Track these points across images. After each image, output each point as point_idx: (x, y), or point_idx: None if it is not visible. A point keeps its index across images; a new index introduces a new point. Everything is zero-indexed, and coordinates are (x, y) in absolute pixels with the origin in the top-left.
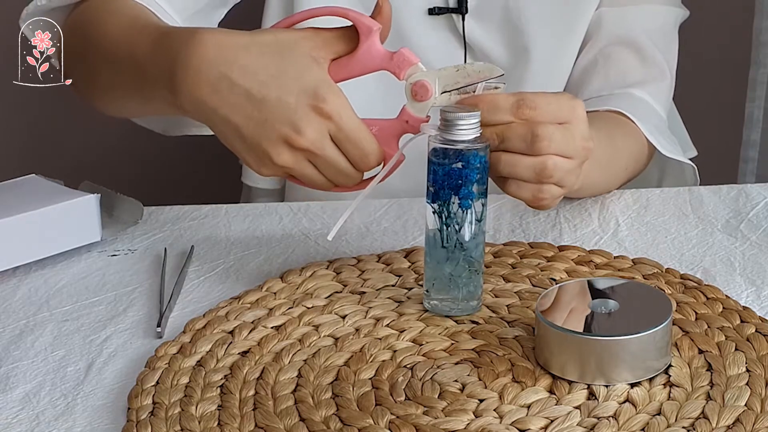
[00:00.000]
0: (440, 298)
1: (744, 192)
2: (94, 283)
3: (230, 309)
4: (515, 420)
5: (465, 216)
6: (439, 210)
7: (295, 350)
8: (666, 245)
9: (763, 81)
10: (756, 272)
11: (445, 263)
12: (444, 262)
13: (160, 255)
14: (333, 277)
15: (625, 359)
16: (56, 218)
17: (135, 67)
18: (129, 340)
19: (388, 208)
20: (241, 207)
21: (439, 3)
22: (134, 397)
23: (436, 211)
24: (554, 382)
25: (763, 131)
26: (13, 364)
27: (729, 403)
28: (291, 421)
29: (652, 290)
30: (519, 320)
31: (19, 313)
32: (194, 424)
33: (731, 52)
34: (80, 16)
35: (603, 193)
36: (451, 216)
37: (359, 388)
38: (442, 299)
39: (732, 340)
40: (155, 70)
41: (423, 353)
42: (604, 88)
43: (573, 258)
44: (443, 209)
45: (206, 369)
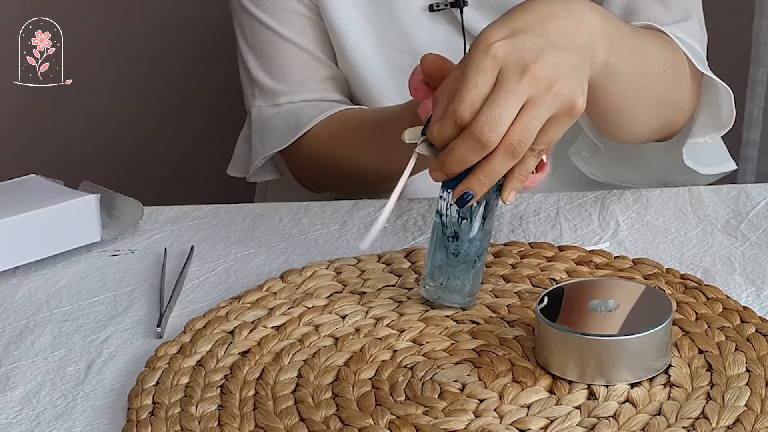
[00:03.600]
0: (430, 285)
1: (744, 192)
2: (94, 283)
3: (230, 309)
4: (515, 420)
5: (470, 207)
6: (445, 196)
7: (295, 350)
8: (666, 245)
9: (763, 80)
10: (756, 272)
11: (440, 249)
12: (440, 248)
13: (160, 255)
14: (333, 277)
15: (625, 359)
16: (56, 218)
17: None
18: (129, 340)
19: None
20: (241, 207)
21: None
22: (134, 397)
23: (443, 197)
24: (554, 382)
25: (762, 131)
26: (13, 364)
27: (729, 403)
28: (291, 421)
29: (652, 290)
30: (519, 320)
31: (19, 313)
32: (194, 424)
33: (731, 52)
34: (317, 150)
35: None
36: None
37: (359, 388)
38: (431, 285)
39: (732, 340)
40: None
41: (423, 353)
42: None
43: (573, 258)
44: (449, 195)
45: (206, 369)
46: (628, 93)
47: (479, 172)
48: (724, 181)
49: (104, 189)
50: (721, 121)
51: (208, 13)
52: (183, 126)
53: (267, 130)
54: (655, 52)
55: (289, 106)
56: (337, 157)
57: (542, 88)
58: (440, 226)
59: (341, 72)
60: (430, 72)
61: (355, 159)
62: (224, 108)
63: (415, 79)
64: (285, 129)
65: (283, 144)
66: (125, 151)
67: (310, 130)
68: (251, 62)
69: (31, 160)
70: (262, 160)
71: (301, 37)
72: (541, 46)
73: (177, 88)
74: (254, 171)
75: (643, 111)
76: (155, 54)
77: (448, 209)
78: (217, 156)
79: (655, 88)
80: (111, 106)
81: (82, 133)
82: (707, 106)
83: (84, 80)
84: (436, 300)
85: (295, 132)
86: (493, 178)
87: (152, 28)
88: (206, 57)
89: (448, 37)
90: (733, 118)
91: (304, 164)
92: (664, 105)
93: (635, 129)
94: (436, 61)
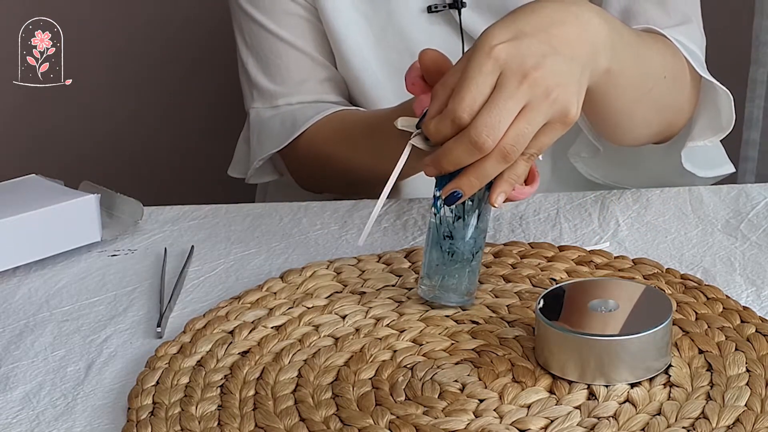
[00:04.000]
0: (427, 284)
1: (744, 192)
2: (94, 283)
3: (230, 309)
4: (515, 420)
5: (462, 207)
6: (439, 195)
7: (295, 350)
8: (666, 245)
9: (763, 80)
10: (756, 272)
11: (435, 249)
12: (435, 247)
13: (160, 255)
14: (333, 277)
15: (625, 359)
16: (56, 218)
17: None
18: (129, 340)
19: (388, 208)
20: (241, 207)
21: (436, 0)
22: (134, 397)
23: (437, 196)
24: (554, 382)
25: (762, 131)
26: (13, 364)
27: (729, 403)
28: (291, 421)
29: (652, 290)
30: (519, 320)
31: (19, 313)
32: (194, 424)
33: (731, 52)
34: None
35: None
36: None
37: (359, 388)
38: (428, 285)
39: (732, 340)
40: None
41: (423, 353)
42: None
43: (573, 258)
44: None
45: (206, 369)
46: (628, 97)
47: (470, 174)
48: (724, 181)
49: (104, 189)
50: (721, 124)
51: (207, 14)
52: (183, 126)
53: (264, 131)
54: (656, 58)
55: (287, 107)
56: (331, 158)
57: (540, 94)
58: (435, 225)
59: (340, 73)
60: (429, 68)
61: (349, 160)
62: (224, 108)
63: (413, 74)
64: (282, 130)
65: (279, 145)
66: (125, 151)
67: (306, 131)
68: (250, 64)
69: (31, 160)
70: (260, 161)
71: (299, 39)
72: (543, 52)
73: (177, 88)
74: (253, 172)
75: (643, 115)
76: (155, 54)
77: (442, 208)
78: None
79: (656, 92)
80: (111, 106)
81: (82, 133)
82: (707, 110)
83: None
84: (433, 299)
85: (292, 133)
86: (484, 180)
87: (152, 28)
88: (206, 57)
89: (446, 38)
90: (732, 121)
91: (301, 165)
92: (663, 109)
93: (635, 132)
94: (435, 57)
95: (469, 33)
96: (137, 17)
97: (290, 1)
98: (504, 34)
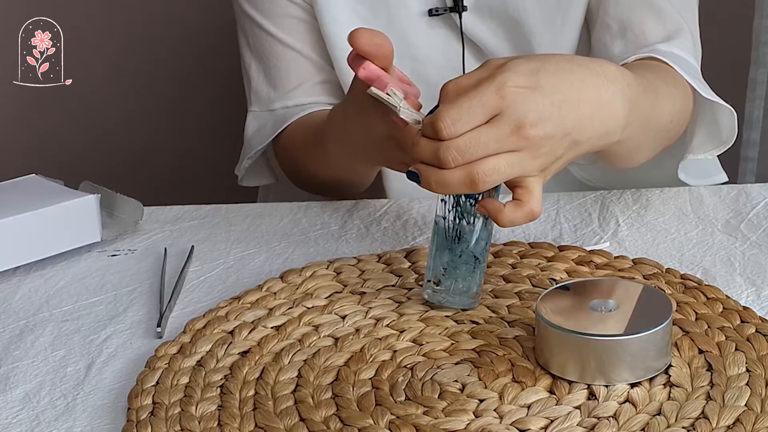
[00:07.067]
0: (436, 288)
1: (744, 192)
2: (94, 283)
3: (230, 309)
4: (515, 420)
5: (471, 209)
6: (446, 198)
7: (295, 350)
8: (666, 245)
9: (763, 80)
10: (756, 272)
11: (443, 252)
12: (443, 251)
13: (160, 255)
14: (333, 277)
15: (625, 359)
16: (56, 218)
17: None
18: (129, 340)
19: (388, 208)
20: (241, 207)
21: (437, 4)
22: (134, 397)
23: (444, 199)
24: (554, 382)
25: (763, 131)
26: (13, 364)
27: (729, 403)
28: (291, 421)
29: (652, 290)
30: (519, 320)
31: (19, 313)
32: (194, 424)
33: (731, 52)
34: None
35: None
36: (458, 206)
37: (359, 388)
38: (437, 289)
39: (732, 340)
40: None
41: (423, 353)
42: (625, 51)
43: (573, 258)
44: (450, 198)
45: (206, 369)
46: (632, 147)
47: (434, 176)
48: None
49: (104, 189)
50: (721, 138)
51: (208, 14)
52: (183, 126)
53: (258, 133)
54: (666, 108)
55: (283, 110)
56: (296, 161)
57: (527, 147)
58: (442, 229)
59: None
60: (368, 52)
61: (305, 164)
62: (224, 108)
63: (352, 55)
64: (272, 132)
65: (260, 145)
66: (125, 151)
67: (283, 132)
68: (253, 68)
69: (31, 160)
70: (248, 161)
71: (298, 42)
72: (548, 115)
73: (177, 88)
74: (243, 172)
75: (647, 153)
76: (155, 54)
77: (449, 212)
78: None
79: (662, 136)
80: (111, 106)
81: (82, 133)
82: (706, 124)
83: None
84: (441, 303)
85: (272, 134)
86: (441, 187)
87: (152, 29)
88: (206, 57)
89: (447, 41)
90: (734, 136)
91: (282, 166)
92: (666, 141)
93: (637, 161)
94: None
95: (470, 37)
96: (137, 17)
97: (289, 4)
98: (522, 80)
